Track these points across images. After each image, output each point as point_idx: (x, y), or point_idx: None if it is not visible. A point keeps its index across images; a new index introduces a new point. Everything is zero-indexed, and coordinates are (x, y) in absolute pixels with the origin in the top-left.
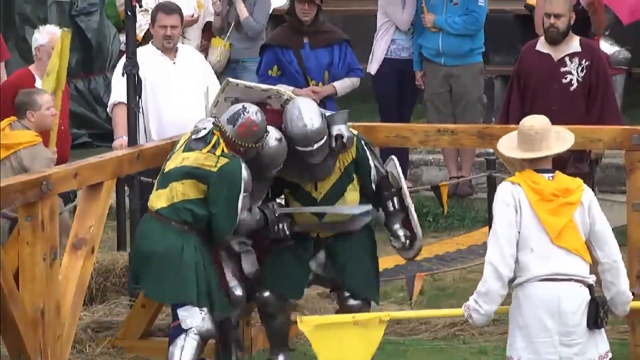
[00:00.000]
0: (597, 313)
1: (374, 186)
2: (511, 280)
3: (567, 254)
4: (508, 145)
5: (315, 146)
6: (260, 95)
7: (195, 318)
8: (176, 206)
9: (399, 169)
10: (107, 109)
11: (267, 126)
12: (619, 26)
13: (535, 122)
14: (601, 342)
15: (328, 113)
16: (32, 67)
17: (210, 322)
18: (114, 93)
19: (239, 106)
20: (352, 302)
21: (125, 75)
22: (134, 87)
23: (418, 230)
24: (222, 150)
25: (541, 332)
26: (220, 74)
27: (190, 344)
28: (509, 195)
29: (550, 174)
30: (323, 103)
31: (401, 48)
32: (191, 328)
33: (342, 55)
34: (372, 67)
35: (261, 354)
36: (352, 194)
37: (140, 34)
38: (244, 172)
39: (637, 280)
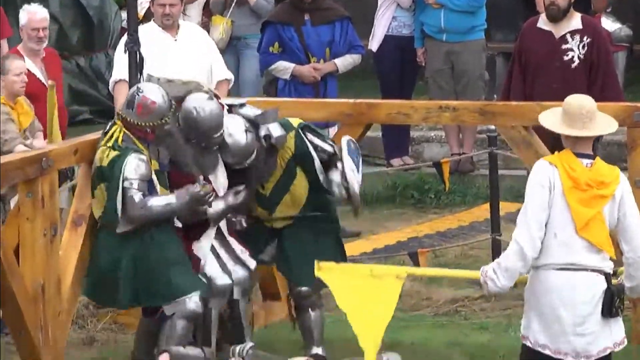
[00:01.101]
0: (613, 302)
1: (321, 176)
2: None
3: (589, 246)
4: (552, 120)
5: (247, 162)
6: (181, 88)
7: (175, 303)
8: (106, 211)
9: (346, 147)
10: (109, 86)
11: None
12: (620, 3)
13: (585, 101)
14: (616, 330)
15: (258, 112)
16: (19, 47)
17: (194, 303)
18: (116, 70)
19: (133, 89)
20: (301, 287)
21: (126, 52)
22: (136, 64)
23: (353, 189)
24: (116, 141)
25: (555, 321)
26: (223, 52)
27: (175, 330)
28: (544, 177)
29: (590, 160)
30: (324, 80)
31: (402, 25)
32: (174, 314)
33: (343, 32)
34: (374, 44)
35: (263, 331)
36: (299, 188)
37: (141, 12)
38: (134, 162)
39: None
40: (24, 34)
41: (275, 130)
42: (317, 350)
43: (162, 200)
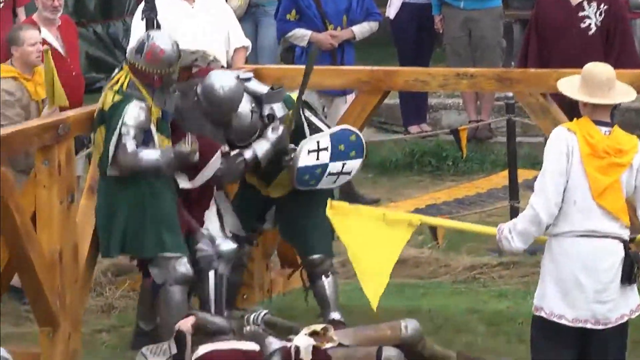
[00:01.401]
0: (632, 269)
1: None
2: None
3: (606, 213)
4: (571, 87)
5: (250, 140)
6: (188, 58)
7: (165, 269)
8: (104, 157)
9: (330, 133)
10: (126, 54)
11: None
12: None
13: (605, 69)
14: (632, 297)
15: (265, 90)
16: (34, 16)
17: (184, 266)
18: (133, 38)
19: (144, 35)
20: (313, 255)
21: (143, 19)
22: None
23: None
24: (121, 87)
25: (576, 287)
26: (241, 19)
27: (171, 297)
28: (563, 143)
29: (608, 128)
30: (341, 47)
31: None
32: (165, 281)
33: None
34: (391, 12)
35: (280, 297)
36: None
37: None
38: (134, 110)
39: None
40: (39, 3)
41: (279, 110)
42: (335, 315)
43: (152, 154)
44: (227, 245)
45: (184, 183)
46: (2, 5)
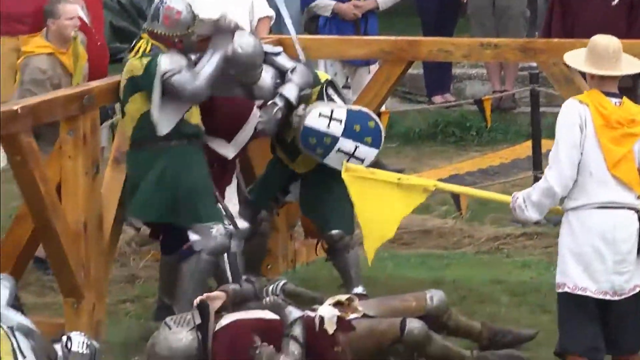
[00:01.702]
0: None
1: None
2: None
3: (621, 184)
4: (578, 59)
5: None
6: (209, 27)
7: (206, 238)
8: (139, 126)
9: (349, 110)
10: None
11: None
12: None
13: (611, 41)
14: None
15: (292, 66)
16: None
17: (221, 236)
18: None
19: (157, 1)
20: (332, 231)
21: None
22: None
23: None
24: (144, 52)
25: (597, 259)
26: None
27: (200, 265)
28: (575, 115)
29: (618, 99)
30: (365, 17)
31: None
32: (202, 250)
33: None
34: None
35: (304, 267)
36: None
37: None
38: (167, 58)
39: None
40: None
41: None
42: (357, 289)
43: (208, 64)
44: (242, 224)
45: (224, 149)
46: None
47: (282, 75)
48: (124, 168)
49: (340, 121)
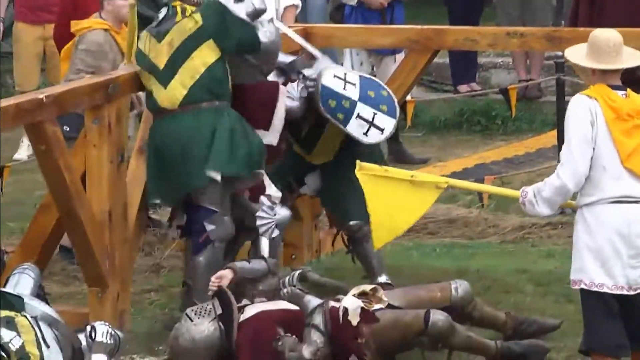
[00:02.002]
0: None
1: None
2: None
3: (635, 176)
4: (579, 54)
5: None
6: None
7: (220, 227)
8: (200, 83)
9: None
10: None
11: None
12: None
13: (611, 34)
14: None
15: (287, 60)
16: None
17: (232, 224)
18: None
19: None
20: (351, 222)
21: None
22: None
23: None
24: (184, 12)
25: (613, 255)
26: None
27: (216, 255)
28: (586, 110)
29: (623, 92)
30: (391, 6)
31: None
32: (216, 239)
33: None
34: None
35: (329, 257)
36: (331, 135)
37: None
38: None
39: None
40: None
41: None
42: (381, 278)
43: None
44: (284, 212)
45: (266, 138)
46: None
47: (281, 71)
48: None
49: (355, 85)
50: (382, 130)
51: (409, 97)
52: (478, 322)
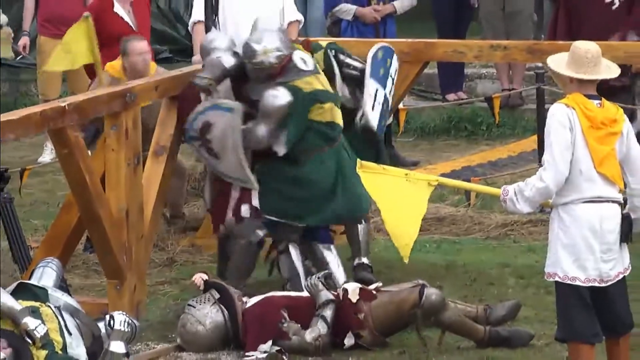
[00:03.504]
0: (630, 229)
1: (340, 92)
2: None
3: (607, 179)
4: (560, 63)
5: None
6: None
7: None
8: None
9: (370, 64)
10: (188, 27)
11: None
12: None
13: (591, 47)
14: (626, 256)
15: None
16: None
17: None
18: (194, 12)
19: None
20: None
21: None
22: (211, 6)
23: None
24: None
25: (586, 250)
26: None
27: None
28: (565, 118)
29: (598, 101)
30: (384, 21)
31: None
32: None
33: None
34: None
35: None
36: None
37: None
38: None
39: None
40: None
41: None
42: (364, 259)
43: None
44: None
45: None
46: None
47: None
48: (163, 160)
49: (376, 90)
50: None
51: (401, 105)
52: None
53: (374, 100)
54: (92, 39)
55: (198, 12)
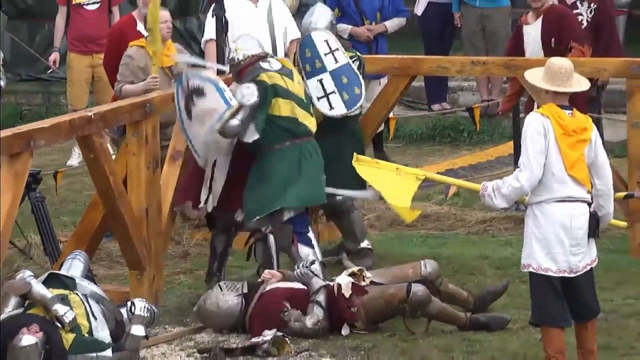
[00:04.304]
0: (597, 225)
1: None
2: None
3: (576, 181)
4: (536, 77)
5: None
6: None
7: None
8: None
9: None
10: (201, 45)
11: None
12: None
13: (564, 62)
14: (593, 250)
15: None
16: (134, 13)
17: None
18: (206, 32)
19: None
20: (337, 197)
21: (214, 16)
22: (222, 26)
23: None
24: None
25: (557, 244)
26: (294, 15)
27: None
28: (540, 125)
29: (570, 111)
30: (376, 39)
31: None
32: None
33: None
34: (419, 9)
35: (326, 244)
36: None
37: None
38: None
39: (637, 186)
40: (140, 1)
41: None
42: (363, 244)
43: None
44: None
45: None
46: (99, 5)
47: None
48: (179, 164)
49: (337, 62)
50: (331, 107)
51: (391, 115)
52: (445, 297)
53: (324, 92)
54: (153, 23)
55: (210, 31)
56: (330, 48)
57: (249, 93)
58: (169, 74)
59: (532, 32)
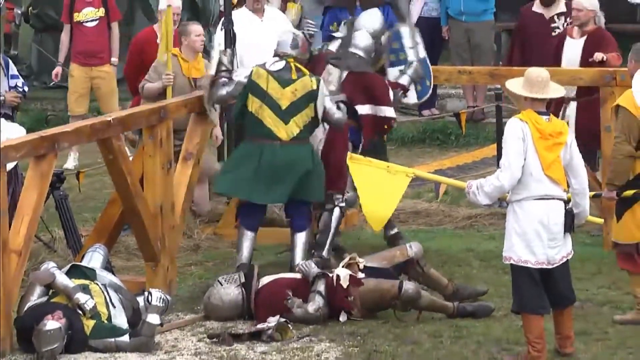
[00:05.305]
0: (572, 221)
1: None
2: None
3: (553, 181)
4: (516, 85)
5: None
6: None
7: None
8: (307, 127)
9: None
10: (211, 55)
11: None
12: None
13: (542, 72)
14: (569, 243)
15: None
16: (155, 26)
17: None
18: (215, 44)
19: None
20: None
21: (222, 29)
22: (230, 38)
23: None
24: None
25: (536, 238)
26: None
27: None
28: (519, 130)
29: (547, 116)
30: None
31: (432, 9)
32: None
33: (384, 14)
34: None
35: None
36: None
37: None
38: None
39: (607, 186)
40: (161, 16)
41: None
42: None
43: None
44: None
45: (390, 111)
46: (98, 22)
47: None
48: (191, 164)
49: (418, 53)
50: (405, 95)
51: None
52: (426, 281)
53: (414, 45)
54: (167, 31)
55: (219, 43)
56: (417, 42)
57: (240, 73)
58: (192, 84)
59: (575, 46)
